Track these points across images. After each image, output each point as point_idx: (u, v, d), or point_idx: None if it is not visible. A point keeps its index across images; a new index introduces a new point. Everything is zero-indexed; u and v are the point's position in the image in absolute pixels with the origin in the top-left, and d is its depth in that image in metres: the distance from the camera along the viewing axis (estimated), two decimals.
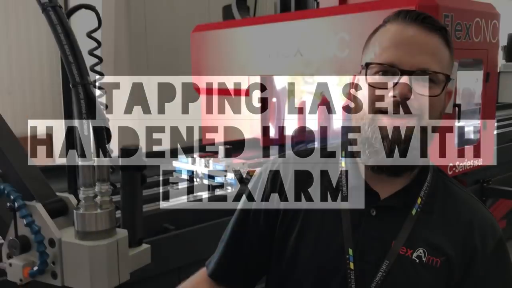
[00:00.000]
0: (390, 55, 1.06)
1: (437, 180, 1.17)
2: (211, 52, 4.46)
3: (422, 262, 1.09)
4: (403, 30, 1.08)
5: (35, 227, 0.79)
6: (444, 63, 1.09)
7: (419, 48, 1.06)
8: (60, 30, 0.79)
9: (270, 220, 1.22)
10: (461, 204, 1.15)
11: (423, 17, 1.07)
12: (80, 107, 0.77)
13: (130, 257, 0.83)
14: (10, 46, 6.18)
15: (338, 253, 1.11)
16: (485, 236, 1.11)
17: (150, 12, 7.17)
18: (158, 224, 2.42)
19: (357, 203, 1.14)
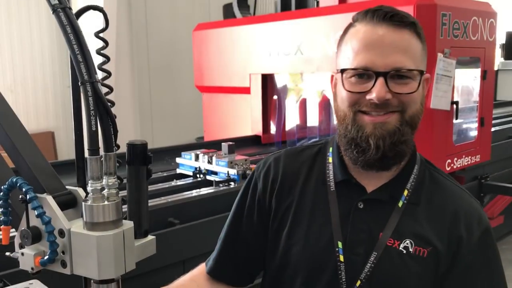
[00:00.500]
0: (363, 58, 1.07)
1: (424, 171, 1.19)
2: (212, 50, 4.49)
3: (409, 252, 1.11)
4: (372, 30, 1.08)
5: (46, 218, 0.83)
6: (417, 58, 1.10)
7: (391, 48, 1.06)
8: (69, 30, 0.83)
9: (263, 217, 1.26)
10: (447, 194, 1.17)
11: (391, 15, 1.07)
12: (88, 104, 0.80)
13: (135, 248, 0.86)
14: (13, 46, 6.23)
15: (328, 246, 1.14)
16: (470, 225, 1.13)
17: (151, 12, 7.20)
18: (163, 218, 2.47)
19: (344, 197, 1.17)
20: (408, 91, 1.08)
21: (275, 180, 1.25)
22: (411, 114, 1.10)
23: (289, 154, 1.30)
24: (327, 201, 1.18)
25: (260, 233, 1.26)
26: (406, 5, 2.86)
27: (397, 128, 1.08)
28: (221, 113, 4.59)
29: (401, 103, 1.08)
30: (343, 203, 1.16)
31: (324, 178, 1.21)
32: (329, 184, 1.19)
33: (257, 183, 1.28)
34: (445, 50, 2.91)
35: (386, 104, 1.07)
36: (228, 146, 3.17)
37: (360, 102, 1.09)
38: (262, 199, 1.26)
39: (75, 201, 0.90)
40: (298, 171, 1.25)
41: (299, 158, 1.28)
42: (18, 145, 0.91)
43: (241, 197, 1.32)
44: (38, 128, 6.44)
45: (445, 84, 2.96)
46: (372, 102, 1.07)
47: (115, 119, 0.84)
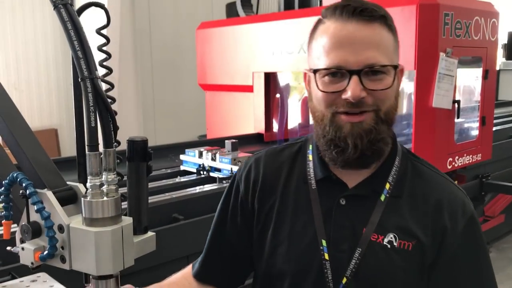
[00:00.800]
0: (335, 56, 1.05)
1: (406, 163, 1.18)
2: (216, 48, 4.49)
3: (394, 246, 1.10)
4: (342, 27, 1.05)
5: (45, 213, 0.83)
6: (390, 51, 1.08)
7: (362, 44, 1.04)
8: (70, 26, 0.83)
9: (247, 219, 1.25)
10: (430, 184, 1.16)
11: (361, 9, 1.05)
12: (88, 100, 0.80)
13: (135, 244, 0.87)
14: (17, 43, 6.25)
15: (312, 244, 1.14)
16: (455, 214, 1.11)
17: (154, 10, 7.20)
18: (168, 214, 2.49)
19: (326, 194, 1.16)
20: (383, 87, 1.06)
21: (257, 181, 1.24)
22: (385, 111, 1.08)
23: (269, 154, 1.28)
24: (309, 199, 1.17)
25: (245, 235, 1.26)
26: (409, 5, 2.86)
27: (373, 127, 1.07)
28: (224, 111, 4.60)
29: (375, 101, 1.06)
30: (325, 201, 1.15)
31: (305, 176, 1.20)
32: (310, 182, 1.18)
33: (239, 185, 1.28)
34: (447, 50, 2.91)
35: (361, 102, 1.05)
36: (232, 143, 3.20)
37: (336, 102, 1.07)
38: (245, 201, 1.26)
39: (76, 196, 0.91)
40: (279, 170, 1.24)
41: (280, 157, 1.26)
42: (20, 141, 0.92)
43: (224, 200, 1.31)
44: (42, 125, 6.45)
45: (447, 83, 2.95)
46: (348, 101, 1.05)
47: (115, 116, 0.84)
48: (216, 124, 4.70)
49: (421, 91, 2.94)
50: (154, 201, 2.58)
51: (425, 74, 2.91)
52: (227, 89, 4.45)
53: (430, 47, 2.88)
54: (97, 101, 0.81)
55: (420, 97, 2.95)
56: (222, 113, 4.62)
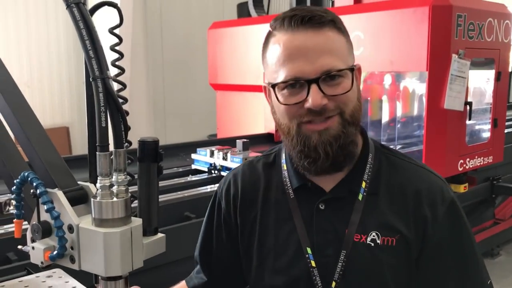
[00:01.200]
0: (291, 68, 1.04)
1: (380, 158, 1.16)
2: (227, 48, 4.49)
3: (378, 244, 1.09)
4: (293, 38, 1.05)
5: (55, 213, 0.83)
6: (345, 54, 1.07)
7: (315, 52, 1.03)
8: (82, 26, 0.83)
9: (232, 235, 1.25)
10: (406, 175, 1.14)
11: (309, 17, 1.04)
12: (99, 100, 0.80)
13: (144, 245, 0.86)
14: (30, 41, 6.29)
15: (298, 254, 1.13)
16: (434, 202, 1.10)
17: (165, 10, 7.22)
18: (180, 212, 2.51)
19: (305, 201, 1.15)
20: (343, 91, 1.05)
21: (236, 195, 1.24)
22: (350, 113, 1.07)
23: (246, 168, 1.28)
24: (289, 209, 1.17)
25: (233, 250, 1.26)
26: (421, 6, 2.84)
27: (340, 131, 1.06)
28: (235, 111, 4.60)
29: (338, 105, 1.05)
30: (305, 208, 1.15)
31: (282, 186, 1.19)
32: (288, 191, 1.18)
33: (220, 202, 1.28)
34: (459, 51, 2.88)
35: (324, 109, 1.04)
36: (243, 143, 3.21)
37: (299, 113, 1.06)
38: (228, 217, 1.26)
39: (86, 196, 0.90)
40: (257, 183, 1.24)
41: (257, 170, 1.26)
42: (32, 139, 0.92)
43: (208, 219, 1.32)
44: (54, 123, 6.49)
45: (459, 85, 2.93)
46: (311, 111, 1.04)
47: (126, 116, 0.84)
48: (226, 123, 4.70)
49: (433, 93, 2.92)
50: (166, 199, 2.60)
51: (437, 75, 2.88)
52: (238, 89, 4.45)
53: (442, 49, 2.85)
54: (108, 101, 0.81)
55: (432, 99, 2.93)
56: (233, 113, 4.62)
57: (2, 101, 0.95)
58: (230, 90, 4.57)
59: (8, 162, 0.98)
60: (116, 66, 0.91)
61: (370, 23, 3.17)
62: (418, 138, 3.30)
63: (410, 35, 2.93)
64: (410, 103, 3.53)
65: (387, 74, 3.35)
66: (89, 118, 0.93)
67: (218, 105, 4.79)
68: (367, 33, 3.18)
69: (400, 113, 3.50)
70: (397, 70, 3.16)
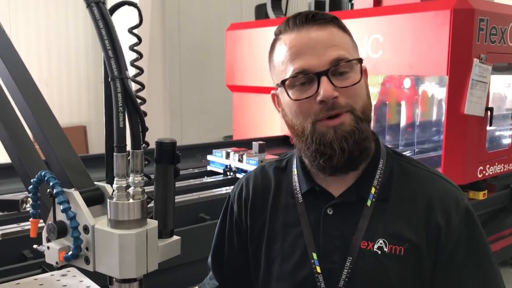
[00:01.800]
0: (299, 64, 1.04)
1: (392, 165, 1.14)
2: (245, 50, 4.49)
3: (385, 252, 1.07)
4: (298, 37, 1.06)
5: (71, 213, 0.83)
6: (351, 49, 1.08)
7: (322, 46, 1.04)
8: (102, 25, 0.82)
9: (243, 240, 1.25)
10: (419, 182, 1.12)
11: (312, 14, 1.06)
12: (117, 100, 0.80)
13: (160, 248, 0.86)
14: (50, 41, 6.36)
15: (304, 259, 1.11)
16: (448, 211, 1.07)
17: (183, 11, 7.25)
18: (195, 213, 2.51)
19: (313, 206, 1.14)
20: (352, 83, 1.05)
21: (247, 199, 1.24)
22: (361, 110, 1.07)
23: (259, 172, 1.28)
24: (297, 213, 1.15)
25: (244, 256, 1.25)
26: (443, 9, 2.80)
27: (354, 127, 1.05)
28: (251, 112, 4.59)
29: (348, 100, 1.05)
30: (313, 213, 1.14)
31: (292, 191, 1.19)
32: (297, 196, 1.17)
33: (233, 206, 1.28)
34: (481, 56, 2.83)
35: (335, 103, 1.04)
36: (259, 145, 3.20)
37: (313, 110, 1.06)
38: (239, 221, 1.26)
39: (103, 197, 0.90)
40: (267, 188, 1.23)
41: (268, 174, 1.26)
42: (50, 138, 0.92)
43: (221, 223, 1.32)
44: (71, 122, 6.55)
45: (480, 90, 2.88)
46: (323, 104, 1.04)
47: (144, 117, 0.83)
48: (242, 125, 4.69)
49: (453, 98, 2.88)
50: (181, 200, 2.60)
51: (458, 80, 2.84)
52: (255, 91, 4.44)
53: (463, 53, 2.81)
54: (126, 101, 0.81)
55: (452, 104, 2.88)
56: (249, 115, 4.61)
57: (21, 99, 0.96)
58: (247, 92, 4.56)
59: (25, 160, 0.98)
60: (135, 66, 0.90)
61: (390, 26, 3.14)
62: (437, 144, 3.26)
63: (430, 38, 2.90)
64: (429, 107, 3.49)
65: (406, 78, 3.31)
66: (107, 118, 0.92)
67: (235, 106, 4.78)
68: (386, 36, 3.15)
69: (418, 117, 3.46)
70: (416, 74, 3.13)
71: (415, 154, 3.53)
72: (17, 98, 0.97)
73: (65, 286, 1.39)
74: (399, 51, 3.10)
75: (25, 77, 0.99)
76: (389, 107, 3.53)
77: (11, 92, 0.98)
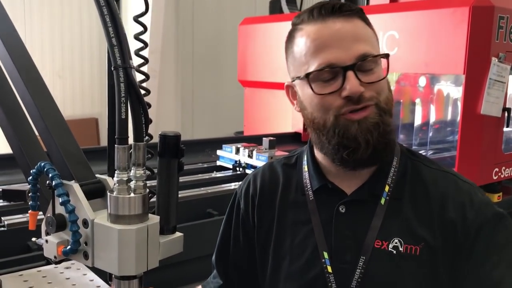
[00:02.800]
0: (325, 56, 1.00)
1: (406, 163, 1.11)
2: (258, 45, 4.45)
3: (400, 252, 1.03)
4: (324, 27, 1.02)
5: (70, 207, 0.80)
6: (375, 44, 1.06)
7: (350, 39, 1.01)
8: (106, 11, 0.80)
9: (249, 238, 1.21)
10: (433, 181, 1.08)
11: (339, 5, 1.02)
12: (120, 90, 0.77)
13: (161, 244, 0.83)
14: (63, 32, 6.37)
15: (314, 258, 1.08)
16: (461, 206, 1.02)
17: (198, 5, 7.22)
18: (202, 208, 2.49)
19: (324, 204, 1.10)
20: (377, 78, 1.03)
21: (255, 195, 1.21)
22: (385, 102, 1.04)
23: (267, 168, 1.25)
24: (307, 211, 1.12)
25: (250, 254, 1.23)
26: (461, 7, 2.73)
27: (379, 120, 1.02)
28: (263, 108, 4.55)
29: (373, 94, 1.02)
30: (324, 211, 1.10)
31: (302, 188, 1.16)
32: (308, 193, 1.14)
33: (239, 203, 1.25)
34: (500, 55, 2.76)
35: (361, 97, 1.01)
36: (269, 141, 3.16)
37: (336, 104, 1.02)
38: (246, 218, 1.23)
39: (104, 190, 0.87)
40: (275, 184, 1.20)
41: (276, 171, 1.23)
42: (51, 129, 0.89)
43: (226, 220, 1.29)
44: (83, 113, 6.56)
45: (497, 90, 2.81)
46: (348, 99, 1.01)
47: (147, 108, 0.80)
48: (253, 121, 4.65)
49: (469, 97, 2.81)
50: (189, 195, 2.58)
51: (475, 79, 2.77)
52: (267, 86, 4.40)
53: (481, 52, 2.74)
54: (129, 92, 0.77)
55: (468, 103, 2.82)
56: (261, 110, 4.58)
57: (24, 88, 0.93)
58: (259, 87, 4.52)
59: (26, 150, 0.96)
60: (140, 56, 0.87)
61: (406, 23, 3.08)
62: (451, 144, 3.19)
63: (447, 36, 2.83)
64: (444, 106, 3.42)
65: (421, 76, 3.25)
66: (110, 109, 0.89)
67: (246, 102, 4.75)
68: (402, 33, 3.09)
69: (433, 116, 3.40)
70: (432, 72, 3.06)
71: (428, 154, 3.47)
72: (19, 87, 0.94)
73: (68, 279, 1.37)
74: (414, 49, 3.04)
75: (28, 65, 0.96)
76: (403, 105, 3.47)
77: (14, 80, 0.95)
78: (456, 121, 2.98)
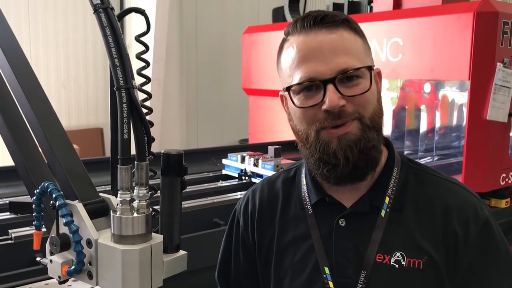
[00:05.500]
0: (305, 69, 0.99)
1: (407, 173, 1.08)
2: (262, 53, 4.45)
3: (402, 266, 1.01)
4: (307, 39, 1.00)
5: (73, 227, 0.80)
6: (361, 54, 1.01)
7: (331, 51, 0.98)
8: (109, 32, 0.80)
9: (250, 256, 1.20)
10: (436, 191, 1.05)
11: (321, 17, 0.99)
12: (122, 110, 0.77)
13: (165, 263, 0.83)
14: (68, 43, 6.41)
15: (315, 273, 1.06)
16: (465, 221, 1.01)
17: (201, 14, 7.26)
18: (209, 218, 2.48)
19: (324, 218, 1.08)
20: (361, 91, 0.99)
21: (254, 212, 1.19)
22: (370, 117, 1.01)
23: (265, 183, 1.23)
24: (307, 226, 1.10)
25: (251, 271, 1.21)
26: (466, 12, 2.73)
27: (360, 136, 1.00)
28: (267, 116, 4.55)
29: (356, 108, 0.99)
30: (324, 225, 1.08)
31: (301, 202, 1.14)
32: (307, 207, 1.12)
33: (239, 220, 1.23)
34: (504, 60, 2.75)
35: (342, 111, 0.99)
36: (275, 149, 3.15)
37: (317, 118, 1.01)
38: (246, 235, 1.21)
39: (108, 209, 0.87)
40: (275, 199, 1.18)
41: (275, 185, 1.21)
42: (55, 148, 0.89)
43: (226, 238, 1.28)
44: (88, 124, 6.59)
45: (503, 95, 2.80)
46: (328, 113, 0.99)
47: (149, 128, 0.80)
48: (258, 129, 4.65)
49: (474, 103, 2.80)
50: (195, 205, 2.57)
51: (480, 85, 2.76)
52: (271, 94, 4.40)
53: (486, 57, 2.73)
54: (131, 112, 0.78)
55: (474, 109, 2.81)
56: (265, 119, 4.57)
57: (27, 106, 0.93)
58: (263, 96, 4.52)
59: (31, 170, 0.96)
60: (142, 75, 0.87)
61: (410, 29, 3.07)
62: (457, 150, 3.17)
63: (452, 42, 2.82)
64: (449, 112, 3.41)
65: (426, 82, 3.24)
66: (112, 129, 0.89)
67: (251, 110, 4.75)
68: (406, 40, 3.08)
69: (438, 123, 3.38)
70: (437, 78, 3.05)
71: (434, 160, 3.45)
72: (22, 104, 0.94)
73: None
74: (419, 55, 3.03)
75: (32, 82, 0.96)
76: (408, 112, 3.45)
77: (17, 97, 0.95)
78: (462, 126, 2.96)
